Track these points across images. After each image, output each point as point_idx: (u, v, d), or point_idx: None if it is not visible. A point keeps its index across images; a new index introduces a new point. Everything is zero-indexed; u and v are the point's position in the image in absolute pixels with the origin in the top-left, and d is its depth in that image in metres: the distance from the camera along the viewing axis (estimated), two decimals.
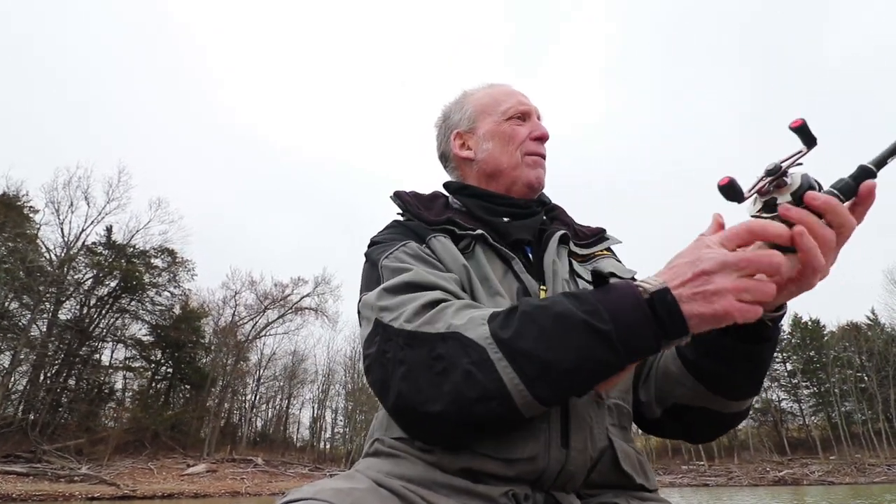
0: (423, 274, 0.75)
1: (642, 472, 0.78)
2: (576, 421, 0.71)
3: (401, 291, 0.72)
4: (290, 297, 38.37)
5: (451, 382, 0.60)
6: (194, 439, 31.43)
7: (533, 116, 1.03)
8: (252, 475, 26.62)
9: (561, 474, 0.70)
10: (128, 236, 32.03)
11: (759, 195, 0.60)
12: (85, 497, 18.40)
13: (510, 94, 1.05)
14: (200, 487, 22.60)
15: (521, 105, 1.02)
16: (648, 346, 0.57)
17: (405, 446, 0.73)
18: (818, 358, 45.95)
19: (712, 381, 0.75)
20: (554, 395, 0.59)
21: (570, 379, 0.58)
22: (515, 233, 0.90)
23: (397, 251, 0.81)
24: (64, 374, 29.32)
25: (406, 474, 0.68)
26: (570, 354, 0.57)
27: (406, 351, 0.65)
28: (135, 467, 25.04)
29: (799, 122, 0.57)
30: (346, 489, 0.61)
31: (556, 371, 0.58)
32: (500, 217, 0.94)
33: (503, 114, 1.02)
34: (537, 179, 0.99)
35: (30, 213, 28.90)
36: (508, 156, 0.99)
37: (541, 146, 1.01)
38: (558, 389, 0.59)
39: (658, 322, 0.56)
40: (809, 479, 31.59)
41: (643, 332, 0.56)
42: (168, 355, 34.77)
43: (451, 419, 0.61)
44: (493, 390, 0.59)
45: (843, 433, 40.61)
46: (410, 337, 0.66)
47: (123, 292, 32.16)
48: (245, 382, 39.54)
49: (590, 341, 0.57)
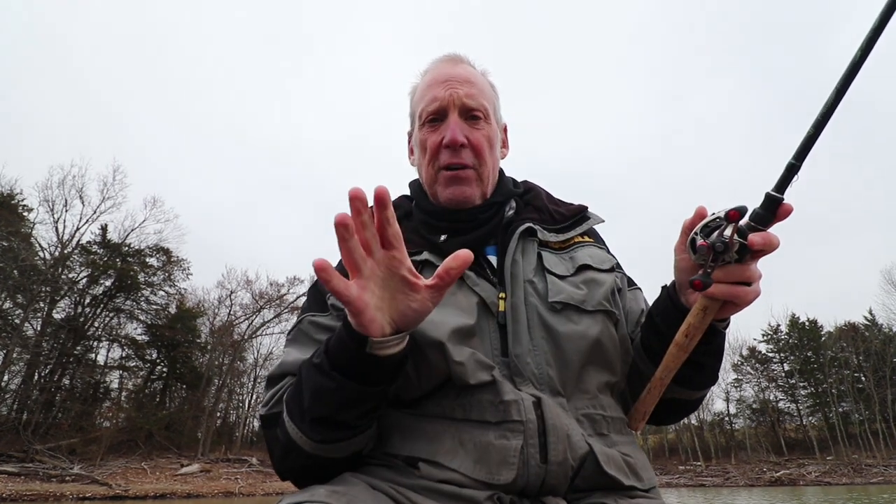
0: (287, 364, 0.81)
1: (632, 473, 0.77)
2: (553, 432, 0.71)
3: (273, 382, 0.82)
4: (285, 297, 38.32)
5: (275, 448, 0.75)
6: (189, 439, 31.29)
7: (449, 115, 0.89)
8: (246, 475, 26.50)
9: (543, 486, 0.71)
10: (123, 235, 32.02)
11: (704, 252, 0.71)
12: (76, 497, 18.30)
13: (428, 86, 0.92)
14: (194, 487, 22.48)
15: (433, 103, 0.89)
16: (351, 358, 0.64)
17: (390, 459, 0.76)
18: (815, 358, 45.91)
19: (685, 378, 0.82)
20: (319, 436, 0.69)
21: (310, 415, 0.67)
22: (453, 251, 0.87)
23: (293, 329, 0.88)
24: (58, 374, 29.20)
25: (395, 479, 0.72)
26: (307, 395, 0.68)
27: (264, 430, 0.80)
28: (128, 467, 24.92)
29: (735, 214, 0.67)
30: (340, 490, 0.65)
31: (304, 413, 0.68)
32: (439, 235, 0.88)
33: (420, 118, 0.92)
34: (452, 198, 0.89)
35: (24, 211, 28.78)
36: (426, 170, 0.92)
37: (458, 155, 0.87)
38: (315, 429, 0.68)
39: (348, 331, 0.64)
40: (806, 480, 31.55)
41: (342, 348, 0.65)
42: (163, 355, 34.68)
43: (289, 473, 0.76)
44: (289, 445, 0.71)
45: (841, 433, 40.58)
46: (262, 420, 0.80)
47: (118, 291, 32.05)
48: (242, 382, 39.49)
49: (314, 377, 0.67)
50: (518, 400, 0.73)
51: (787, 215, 0.66)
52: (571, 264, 0.89)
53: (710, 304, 0.72)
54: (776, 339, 48.62)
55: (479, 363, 0.75)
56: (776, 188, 0.65)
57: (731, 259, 0.68)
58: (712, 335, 0.78)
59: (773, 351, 48.60)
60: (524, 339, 0.79)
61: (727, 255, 0.68)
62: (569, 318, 0.81)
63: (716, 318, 0.75)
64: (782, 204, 0.65)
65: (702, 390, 0.88)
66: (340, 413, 0.66)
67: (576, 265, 0.89)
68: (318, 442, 0.68)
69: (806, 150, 0.64)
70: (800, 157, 0.64)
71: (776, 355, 48.43)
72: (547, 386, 0.77)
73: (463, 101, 0.89)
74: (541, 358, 0.78)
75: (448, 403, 0.76)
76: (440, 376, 0.76)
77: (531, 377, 0.77)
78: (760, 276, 0.72)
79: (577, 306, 0.82)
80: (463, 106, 0.89)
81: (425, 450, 0.74)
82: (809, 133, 0.64)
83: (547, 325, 0.80)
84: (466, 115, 0.90)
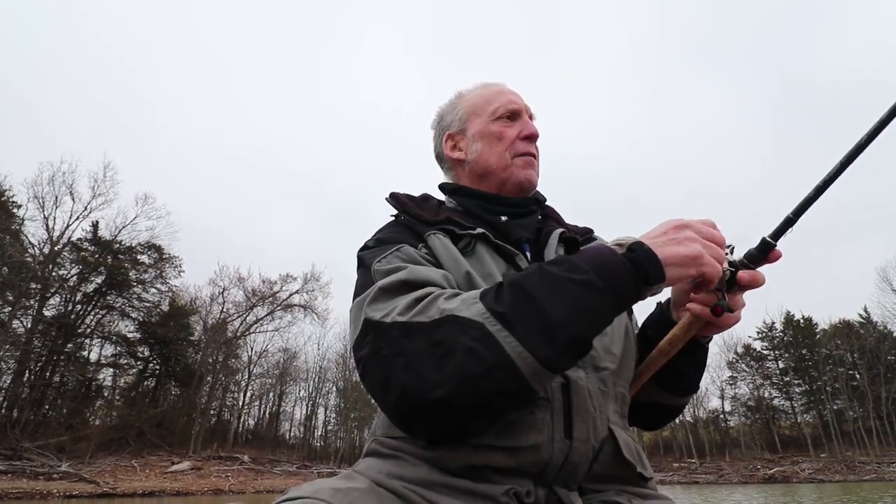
0: (418, 271, 0.74)
1: (640, 461, 0.81)
2: (578, 412, 0.73)
3: (395, 291, 0.71)
4: (278, 294, 38.17)
5: (454, 363, 0.60)
6: (181, 437, 31.19)
7: (523, 115, 1.03)
8: (237, 473, 26.46)
9: (564, 466, 0.71)
10: (114, 232, 31.80)
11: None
12: (63, 495, 18.18)
13: (500, 93, 1.05)
14: (183, 485, 22.40)
15: (511, 104, 1.02)
16: (628, 287, 0.63)
17: (406, 446, 0.73)
18: (810, 356, 46.02)
19: (670, 384, 0.93)
20: (556, 355, 0.60)
21: (566, 333, 0.60)
22: (514, 231, 0.92)
23: (390, 255, 0.81)
24: (49, 371, 29.06)
25: (406, 475, 0.70)
26: (561, 308, 0.60)
27: (403, 343, 0.64)
28: (117, 465, 24.82)
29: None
30: (344, 489, 0.64)
31: (552, 328, 0.59)
32: (498, 216, 0.96)
33: (492, 114, 1.03)
34: (528, 180, 1.00)
35: (13, 208, 28.56)
36: (497, 156, 1.00)
37: (531, 145, 1.01)
38: (559, 347, 0.60)
39: (636, 266, 0.64)
40: (800, 477, 31.61)
41: (622, 276, 0.63)
42: (156, 352, 34.56)
43: (459, 401, 0.61)
44: (498, 362, 0.59)
45: (835, 431, 40.70)
46: (405, 328, 0.65)
47: (110, 289, 31.90)
48: (235, 380, 39.36)
49: (575, 291, 0.61)
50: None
51: (776, 259, 0.74)
52: None
53: (694, 321, 0.80)
54: (771, 337, 48.72)
55: None
56: (772, 235, 0.73)
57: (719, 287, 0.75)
58: (696, 347, 0.89)
59: (768, 348, 48.71)
60: None
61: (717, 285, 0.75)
62: None
63: (699, 334, 0.84)
64: (774, 249, 0.73)
65: (684, 396, 0.97)
66: (594, 333, 0.63)
67: None
68: (556, 356, 0.60)
69: (804, 209, 0.71)
70: (798, 213, 0.71)
71: (771, 353, 48.56)
72: (589, 364, 0.78)
73: (530, 111, 1.06)
74: None
75: None
76: None
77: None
78: (744, 305, 0.81)
79: None
80: (530, 114, 1.06)
81: None
82: (810, 195, 0.70)
83: None
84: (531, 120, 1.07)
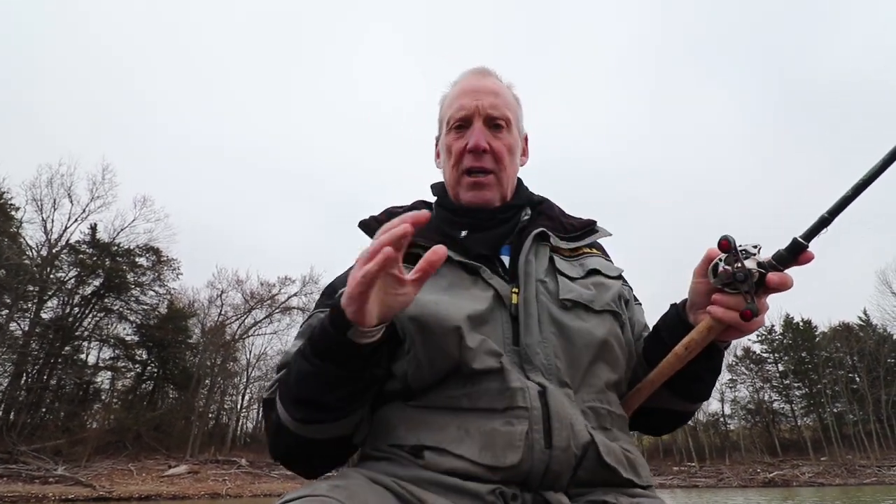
0: (290, 352, 0.83)
1: (630, 467, 0.79)
2: (557, 418, 0.74)
3: (278, 370, 0.84)
4: (277, 297, 38.02)
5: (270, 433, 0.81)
6: (179, 440, 31.01)
7: (474, 122, 0.95)
8: (235, 476, 26.28)
9: (546, 474, 0.72)
10: (112, 235, 31.72)
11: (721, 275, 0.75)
12: (59, 498, 18.07)
13: (457, 95, 1.00)
14: (180, 489, 22.25)
15: (460, 111, 0.97)
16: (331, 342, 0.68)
17: (396, 451, 0.77)
18: (810, 359, 45.92)
19: (682, 389, 0.90)
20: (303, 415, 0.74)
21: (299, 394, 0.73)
22: (473, 247, 0.90)
23: (315, 314, 0.89)
24: (46, 374, 28.94)
25: (398, 473, 0.74)
26: (293, 378, 0.74)
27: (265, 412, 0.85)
28: (114, 468, 24.62)
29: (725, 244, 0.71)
30: (341, 485, 0.68)
31: (293, 395, 0.74)
32: (459, 231, 0.94)
33: (447, 123, 0.99)
34: (473, 201, 0.96)
35: (11, 210, 28.51)
36: (449, 172, 0.99)
37: (480, 159, 0.95)
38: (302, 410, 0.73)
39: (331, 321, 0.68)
40: (800, 481, 31.47)
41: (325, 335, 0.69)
42: (154, 355, 34.43)
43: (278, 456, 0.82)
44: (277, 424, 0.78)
45: (835, 434, 40.58)
46: (263, 402, 0.86)
47: (108, 291, 31.80)
48: (233, 383, 39.23)
49: (300, 362, 0.72)
50: (524, 388, 0.76)
51: (807, 262, 0.70)
52: (581, 269, 0.94)
53: (715, 325, 0.76)
54: (771, 340, 48.61)
55: (488, 350, 0.78)
56: (804, 235, 0.68)
57: (748, 289, 0.71)
58: (714, 352, 0.85)
59: (768, 351, 48.62)
60: (535, 331, 0.82)
61: (744, 286, 0.71)
62: (578, 316, 0.85)
63: (719, 339, 0.80)
64: (806, 251, 0.68)
65: (696, 402, 0.95)
66: (322, 395, 0.71)
67: (585, 269, 0.94)
68: (298, 421, 0.74)
69: (841, 208, 0.67)
70: (834, 213, 0.67)
71: (771, 356, 48.46)
72: (555, 377, 0.79)
73: (487, 111, 0.96)
74: (550, 350, 0.81)
75: (455, 394, 0.78)
76: (450, 363, 0.78)
77: (540, 366, 0.79)
78: (767, 308, 0.76)
79: (587, 305, 0.86)
80: (487, 116, 0.96)
81: (431, 438, 0.75)
82: (848, 193, 0.66)
83: (557, 320, 0.84)
84: (490, 124, 0.97)
